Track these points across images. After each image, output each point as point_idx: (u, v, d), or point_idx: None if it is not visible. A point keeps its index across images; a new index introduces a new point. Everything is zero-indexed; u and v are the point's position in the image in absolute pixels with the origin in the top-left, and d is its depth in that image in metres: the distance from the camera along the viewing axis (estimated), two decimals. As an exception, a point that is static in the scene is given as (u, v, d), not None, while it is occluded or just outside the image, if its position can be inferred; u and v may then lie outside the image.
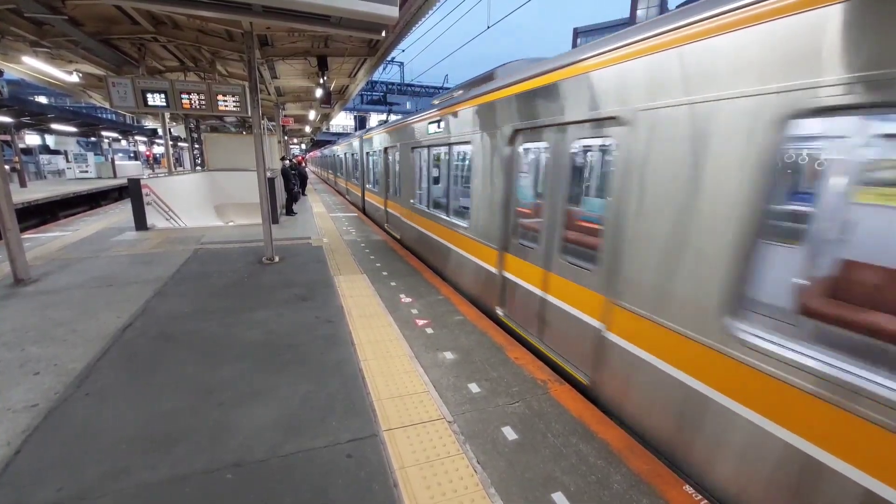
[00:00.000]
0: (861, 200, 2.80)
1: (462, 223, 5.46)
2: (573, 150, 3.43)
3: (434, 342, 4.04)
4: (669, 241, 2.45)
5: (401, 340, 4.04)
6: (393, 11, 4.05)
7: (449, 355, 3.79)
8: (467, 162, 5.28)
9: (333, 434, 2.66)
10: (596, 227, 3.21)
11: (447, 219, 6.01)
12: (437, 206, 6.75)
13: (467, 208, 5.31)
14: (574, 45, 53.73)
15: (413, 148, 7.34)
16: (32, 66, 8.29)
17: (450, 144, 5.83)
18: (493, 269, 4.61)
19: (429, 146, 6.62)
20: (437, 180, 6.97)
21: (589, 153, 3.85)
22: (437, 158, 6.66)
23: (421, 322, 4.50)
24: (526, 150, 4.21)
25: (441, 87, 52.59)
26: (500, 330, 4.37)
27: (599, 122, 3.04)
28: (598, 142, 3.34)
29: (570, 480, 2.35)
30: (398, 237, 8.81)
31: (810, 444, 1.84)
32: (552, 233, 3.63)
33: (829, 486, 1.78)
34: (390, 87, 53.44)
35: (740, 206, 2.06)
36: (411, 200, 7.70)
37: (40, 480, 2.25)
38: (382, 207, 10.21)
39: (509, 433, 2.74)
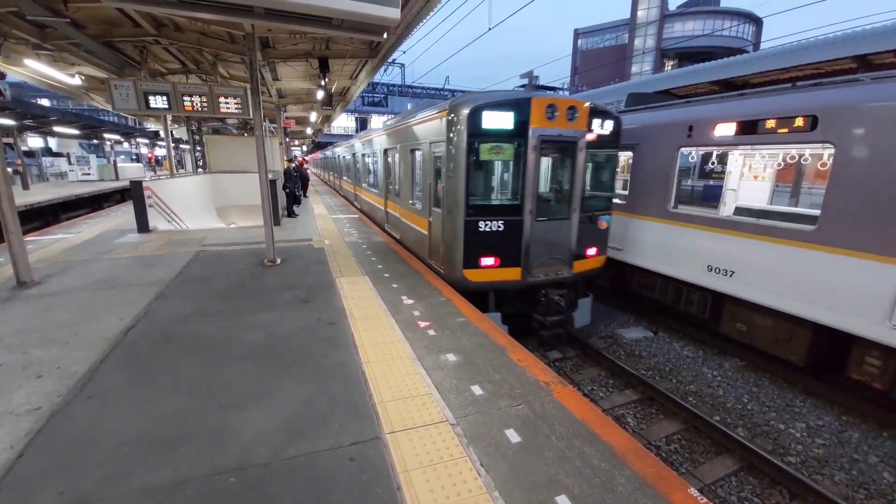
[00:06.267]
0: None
1: None
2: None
3: (436, 344, 4.03)
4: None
5: (403, 342, 4.03)
6: (394, 13, 4.05)
7: (451, 357, 3.77)
8: None
9: (336, 437, 2.65)
10: None
11: None
12: None
13: None
14: (575, 45, 54.18)
15: None
16: (35, 68, 8.31)
17: None
18: None
19: None
20: None
21: None
22: None
23: (423, 324, 4.49)
24: None
25: (442, 89, 52.62)
26: (502, 332, 4.35)
27: None
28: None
29: (574, 483, 2.34)
30: None
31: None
32: None
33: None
34: (391, 88, 53.49)
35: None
36: None
37: (42, 484, 2.24)
38: None
39: (512, 436, 2.72)
